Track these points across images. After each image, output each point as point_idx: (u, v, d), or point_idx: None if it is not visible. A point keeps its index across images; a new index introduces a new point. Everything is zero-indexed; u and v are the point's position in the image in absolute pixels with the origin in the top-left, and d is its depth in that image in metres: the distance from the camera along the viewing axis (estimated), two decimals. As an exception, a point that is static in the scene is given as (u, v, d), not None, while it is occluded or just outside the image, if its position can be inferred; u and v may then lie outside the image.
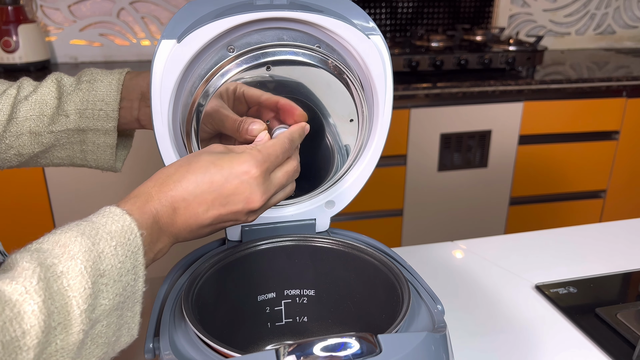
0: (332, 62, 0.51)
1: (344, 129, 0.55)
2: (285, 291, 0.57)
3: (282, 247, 0.55)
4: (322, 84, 0.52)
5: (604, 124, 1.91)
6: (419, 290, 0.50)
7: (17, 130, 0.58)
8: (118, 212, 0.39)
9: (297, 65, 0.50)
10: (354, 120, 0.54)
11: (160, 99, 0.48)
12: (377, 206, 1.81)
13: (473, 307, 0.73)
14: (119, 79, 0.60)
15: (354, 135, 0.55)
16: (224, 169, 0.42)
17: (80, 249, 0.35)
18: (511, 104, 1.80)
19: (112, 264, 0.36)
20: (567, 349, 0.65)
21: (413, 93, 1.70)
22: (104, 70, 0.62)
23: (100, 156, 0.61)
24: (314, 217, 0.59)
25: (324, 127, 0.55)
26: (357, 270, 0.54)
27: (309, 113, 0.53)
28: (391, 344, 0.36)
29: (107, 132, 0.59)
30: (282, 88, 0.51)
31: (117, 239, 0.37)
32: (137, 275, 0.38)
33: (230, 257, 0.52)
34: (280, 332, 0.58)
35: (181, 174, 0.42)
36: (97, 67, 0.64)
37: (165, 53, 0.47)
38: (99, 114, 0.59)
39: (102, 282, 0.36)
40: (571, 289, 0.77)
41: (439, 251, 0.87)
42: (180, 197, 0.41)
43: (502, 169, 1.89)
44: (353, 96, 0.53)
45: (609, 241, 0.91)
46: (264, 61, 0.49)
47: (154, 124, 0.49)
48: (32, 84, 0.61)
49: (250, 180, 0.43)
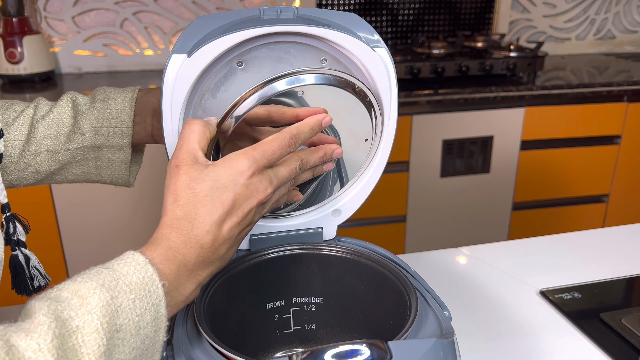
0: (358, 86, 0.51)
1: (358, 148, 0.56)
2: (293, 299, 0.58)
3: (290, 255, 0.56)
4: (345, 105, 0.52)
5: (606, 129, 1.92)
6: (426, 297, 0.50)
7: (36, 149, 0.60)
8: (141, 260, 0.39)
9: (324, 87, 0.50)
10: (368, 140, 0.56)
11: (171, 112, 0.50)
12: (380, 212, 1.81)
13: (478, 312, 0.74)
14: (132, 96, 0.62)
15: (366, 153, 0.57)
16: (227, 185, 0.43)
17: (98, 303, 0.35)
18: (513, 109, 1.80)
19: (129, 317, 0.36)
20: (572, 354, 0.66)
21: (415, 100, 1.71)
22: (116, 88, 0.63)
23: (114, 172, 0.63)
24: (321, 226, 0.60)
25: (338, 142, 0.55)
26: (364, 277, 0.55)
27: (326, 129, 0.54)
28: (401, 350, 0.36)
29: (122, 148, 0.61)
30: (299, 102, 0.52)
31: (137, 292, 0.37)
32: (159, 327, 0.38)
33: (239, 266, 0.53)
34: (289, 339, 0.59)
35: (192, 213, 0.42)
36: (101, 77, 0.66)
37: (176, 67, 0.49)
38: (114, 130, 0.61)
39: (119, 336, 0.36)
40: (576, 294, 0.78)
41: (443, 257, 0.88)
42: (203, 231, 0.42)
43: (505, 175, 1.89)
44: (373, 117, 0.54)
45: (613, 246, 0.92)
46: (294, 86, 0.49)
47: (165, 137, 0.51)
48: (48, 104, 0.63)
49: (251, 180, 0.43)
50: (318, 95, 0.50)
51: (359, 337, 0.58)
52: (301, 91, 0.50)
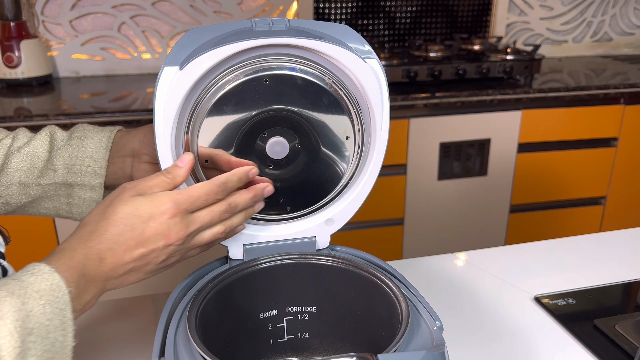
0: (328, 78, 0.53)
1: (341, 146, 0.57)
2: (287, 308, 0.58)
3: (283, 265, 0.56)
4: (318, 99, 0.54)
5: (603, 131, 1.92)
6: (418, 307, 0.51)
7: (8, 180, 0.59)
8: (47, 270, 0.40)
9: (294, 79, 0.52)
10: (350, 138, 0.56)
11: (163, 124, 0.50)
12: (377, 215, 1.82)
13: (472, 318, 0.74)
14: (109, 136, 0.61)
15: (350, 151, 0.57)
16: (144, 216, 0.45)
17: (9, 308, 0.37)
18: (510, 112, 1.81)
19: (40, 322, 0.38)
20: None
21: (412, 103, 1.71)
22: (96, 127, 0.63)
23: (85, 210, 0.62)
24: (314, 235, 0.60)
25: (319, 142, 0.56)
26: (356, 286, 0.56)
27: (306, 127, 0.55)
28: (391, 364, 0.37)
29: (93, 187, 0.61)
30: (278, 101, 0.53)
31: (46, 297, 0.39)
32: (66, 331, 0.40)
33: (232, 276, 0.53)
34: (283, 349, 0.59)
35: (103, 228, 0.45)
36: (99, 81, 0.65)
37: (168, 80, 0.49)
38: (87, 170, 0.60)
39: (30, 339, 0.37)
40: (570, 300, 0.78)
41: (438, 263, 0.88)
42: (107, 247, 0.44)
43: (502, 177, 1.89)
44: (349, 113, 0.54)
45: (607, 251, 0.92)
46: (262, 75, 0.51)
47: (157, 149, 0.51)
48: (27, 135, 0.62)
49: (168, 221, 0.46)
50: (285, 85, 0.53)
51: (352, 346, 0.58)
52: (266, 80, 0.52)
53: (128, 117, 1.53)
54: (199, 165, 0.54)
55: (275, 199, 0.58)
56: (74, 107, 1.58)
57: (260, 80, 0.52)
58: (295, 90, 0.53)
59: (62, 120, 1.49)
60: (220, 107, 0.51)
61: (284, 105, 0.53)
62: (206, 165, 0.54)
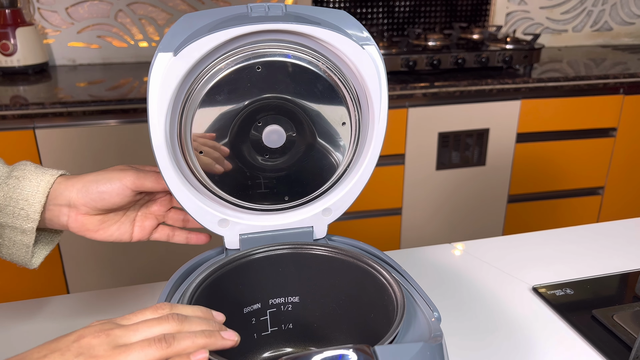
0: (323, 64, 0.52)
1: (338, 134, 0.56)
2: (270, 300, 0.57)
3: (271, 256, 0.56)
4: (313, 86, 0.53)
5: (602, 121, 1.92)
6: (415, 297, 0.50)
7: None
8: None
9: (288, 65, 0.51)
10: (346, 124, 0.55)
11: (157, 112, 0.49)
12: (375, 205, 1.81)
13: (470, 309, 0.74)
14: (49, 181, 0.58)
15: (347, 139, 0.56)
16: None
17: None
18: (509, 102, 1.80)
19: None
20: (564, 351, 0.66)
21: (411, 92, 1.70)
22: (38, 167, 0.59)
23: (15, 252, 0.59)
24: (311, 225, 0.59)
25: (315, 130, 0.55)
26: (350, 276, 0.55)
27: (301, 115, 0.54)
28: (387, 355, 0.36)
29: (24, 231, 0.57)
30: (272, 89, 0.52)
31: None
32: None
33: (216, 273, 0.53)
34: (266, 342, 0.58)
35: None
36: (96, 69, 0.63)
37: (162, 66, 0.48)
38: (20, 212, 0.57)
39: None
40: (568, 290, 0.78)
41: (436, 253, 0.88)
42: None
43: (500, 167, 1.89)
44: (346, 100, 0.54)
45: (605, 241, 0.92)
46: (254, 62, 0.50)
47: (152, 138, 0.50)
48: None
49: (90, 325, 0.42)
50: (278, 71, 0.51)
51: (337, 333, 0.58)
52: (258, 67, 0.51)
53: (125, 105, 1.51)
54: (193, 155, 0.53)
55: (273, 189, 0.57)
56: (70, 95, 1.57)
57: (252, 68, 0.51)
58: (290, 78, 0.52)
59: (58, 109, 1.48)
60: (213, 96, 0.51)
61: (278, 93, 0.53)
62: (201, 156, 0.54)
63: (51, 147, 1.51)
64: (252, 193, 0.57)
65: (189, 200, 0.54)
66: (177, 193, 0.53)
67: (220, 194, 0.56)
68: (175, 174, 0.53)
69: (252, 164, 0.55)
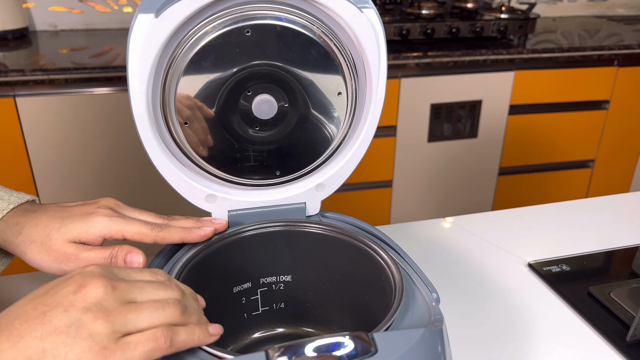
0: (318, 28, 0.48)
1: (333, 105, 0.52)
2: (261, 279, 0.55)
3: (262, 234, 0.53)
4: (307, 52, 0.49)
5: (595, 94, 1.90)
6: (412, 277, 0.48)
7: None
8: None
9: (279, 29, 0.48)
10: (342, 94, 0.52)
11: (138, 78, 0.45)
12: (366, 178, 1.79)
13: (465, 286, 0.72)
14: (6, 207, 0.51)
15: (342, 110, 0.53)
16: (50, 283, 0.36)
17: None
18: (502, 73, 1.77)
19: None
20: (560, 328, 0.65)
21: (403, 62, 1.66)
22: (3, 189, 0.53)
23: None
24: (304, 201, 0.57)
25: (309, 101, 0.52)
26: (338, 253, 0.52)
27: (294, 84, 0.51)
28: (386, 342, 0.34)
29: None
30: (262, 55, 0.49)
31: None
32: None
33: (203, 252, 0.50)
34: (257, 321, 0.56)
35: None
36: (78, 35, 0.57)
37: (143, 28, 0.44)
38: None
39: None
40: (564, 266, 0.76)
41: (429, 228, 0.86)
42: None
43: (492, 139, 1.87)
44: (341, 67, 0.50)
45: (601, 216, 0.90)
46: (243, 25, 0.47)
47: (132, 107, 0.46)
48: None
49: (85, 271, 0.37)
50: (269, 36, 0.48)
51: (335, 315, 0.55)
52: (247, 30, 0.47)
53: (109, 73, 1.46)
54: (178, 126, 0.50)
55: (264, 163, 0.54)
56: (52, 62, 1.51)
57: (241, 32, 0.47)
58: (282, 43, 0.48)
59: (39, 76, 1.42)
60: (199, 62, 0.47)
61: (269, 59, 0.49)
62: (186, 127, 0.50)
63: (33, 116, 1.46)
64: (242, 167, 0.54)
65: (173, 174, 0.51)
66: (161, 167, 0.50)
67: (207, 167, 0.53)
68: (158, 146, 0.49)
69: (241, 136, 0.52)
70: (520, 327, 0.65)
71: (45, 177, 1.54)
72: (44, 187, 1.54)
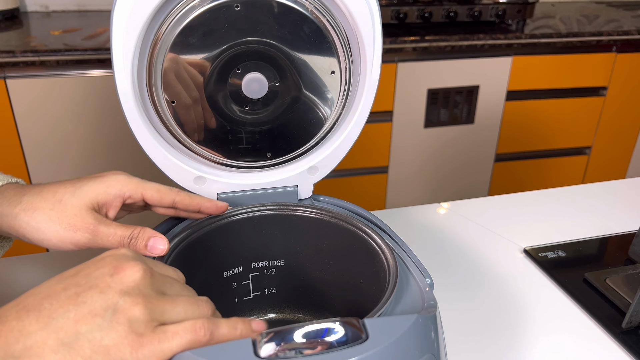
0: (310, 3, 0.46)
1: (326, 84, 0.51)
2: (252, 264, 0.54)
3: (248, 218, 0.51)
4: (298, 28, 0.47)
5: (593, 80, 1.88)
6: (406, 262, 0.47)
7: None
8: None
9: (271, 4, 0.46)
10: (335, 73, 0.50)
11: (123, 54, 0.44)
12: (361, 163, 1.78)
13: (459, 271, 0.71)
14: None
15: (336, 90, 0.51)
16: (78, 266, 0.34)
17: None
18: (500, 58, 1.75)
19: None
20: (555, 314, 0.64)
21: (400, 46, 1.64)
22: None
23: None
24: (296, 184, 0.55)
25: (301, 80, 0.50)
26: (331, 238, 0.51)
27: (285, 62, 0.49)
28: (378, 328, 0.33)
29: None
30: (253, 31, 0.47)
31: None
32: None
33: (194, 234, 0.48)
34: (248, 307, 0.55)
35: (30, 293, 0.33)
36: (70, 16, 0.55)
37: (128, 2, 0.42)
38: None
39: None
40: (560, 252, 0.75)
41: (423, 213, 0.84)
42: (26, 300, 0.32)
43: (489, 126, 1.86)
44: (335, 45, 0.48)
45: (598, 203, 0.89)
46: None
47: (117, 84, 0.45)
48: None
49: (117, 253, 0.34)
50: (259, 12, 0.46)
51: (328, 300, 0.54)
52: (237, 5, 0.45)
53: (102, 55, 1.44)
54: (165, 104, 0.48)
55: (255, 145, 0.53)
56: (44, 44, 1.48)
57: (231, 7, 0.45)
58: (273, 19, 0.46)
59: (29, 57, 1.40)
60: (186, 38, 0.45)
61: (260, 36, 0.47)
62: (173, 106, 0.48)
63: (24, 99, 1.44)
64: (232, 148, 0.52)
65: (160, 155, 0.50)
66: (148, 147, 0.48)
67: (195, 148, 0.51)
68: (144, 126, 0.47)
69: (231, 116, 0.50)
70: (515, 314, 0.64)
71: (37, 160, 1.52)
72: (36, 170, 1.53)
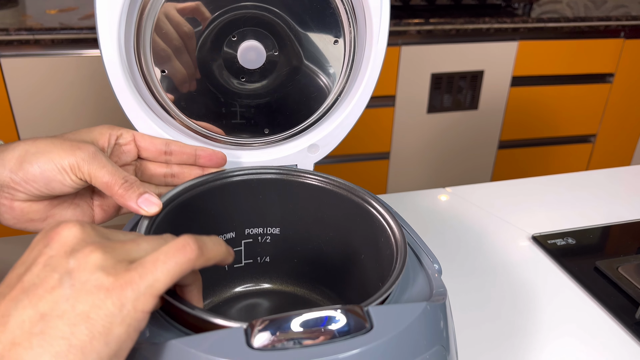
0: None
1: (328, 53, 0.47)
2: (246, 230, 0.50)
3: (246, 181, 0.47)
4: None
5: (600, 66, 1.85)
6: (412, 246, 0.44)
7: None
8: None
9: None
10: (338, 42, 0.47)
11: (108, 18, 0.40)
12: (363, 149, 1.75)
13: (466, 258, 0.68)
14: None
15: (339, 60, 0.48)
16: None
17: None
18: (505, 43, 1.71)
19: None
20: (565, 303, 0.61)
21: (404, 29, 1.60)
22: None
23: None
24: (296, 163, 0.52)
25: (302, 49, 0.47)
26: (334, 208, 0.48)
27: (285, 30, 0.45)
28: (383, 318, 0.30)
29: None
30: None
31: None
32: None
33: (185, 195, 0.45)
34: (239, 275, 0.51)
35: None
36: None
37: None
38: None
39: None
40: (569, 239, 0.72)
41: (428, 198, 0.81)
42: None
43: (493, 112, 1.83)
44: (337, 9, 0.45)
45: (608, 189, 0.86)
46: None
47: (102, 52, 0.41)
48: None
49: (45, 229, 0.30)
50: None
51: (323, 274, 0.51)
52: None
53: (97, 35, 1.40)
54: (154, 74, 0.45)
55: (251, 120, 0.49)
56: (40, 23, 1.45)
57: None
58: None
59: (24, 36, 1.36)
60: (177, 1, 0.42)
61: (257, 0, 0.44)
62: (164, 76, 0.45)
63: (19, 78, 1.41)
64: (226, 124, 0.49)
65: (150, 130, 0.46)
66: (136, 121, 0.45)
67: (187, 123, 0.48)
68: (133, 98, 0.44)
69: (226, 87, 0.47)
70: (524, 302, 0.61)
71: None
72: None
